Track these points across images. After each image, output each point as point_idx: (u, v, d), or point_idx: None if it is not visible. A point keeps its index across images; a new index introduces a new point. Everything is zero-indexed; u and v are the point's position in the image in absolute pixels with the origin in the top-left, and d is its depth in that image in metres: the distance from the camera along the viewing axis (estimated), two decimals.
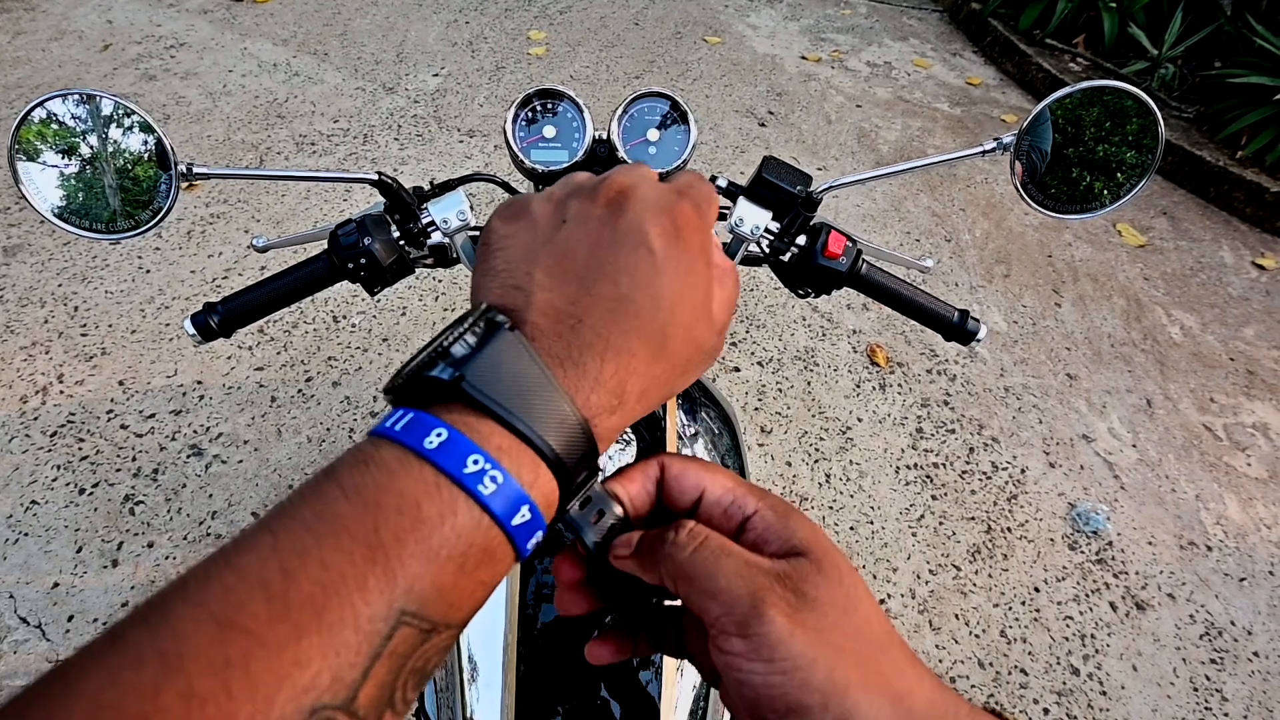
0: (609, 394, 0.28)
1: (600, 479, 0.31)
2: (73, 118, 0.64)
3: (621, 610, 0.35)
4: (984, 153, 0.68)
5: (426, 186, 0.69)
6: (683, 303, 0.29)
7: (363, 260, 0.63)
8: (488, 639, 0.64)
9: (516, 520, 0.25)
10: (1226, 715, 1.44)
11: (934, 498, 1.74)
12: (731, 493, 0.31)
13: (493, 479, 0.24)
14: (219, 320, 0.64)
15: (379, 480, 0.23)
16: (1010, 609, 1.56)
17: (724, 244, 0.71)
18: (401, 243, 0.66)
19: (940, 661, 1.47)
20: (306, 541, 0.22)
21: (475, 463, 0.24)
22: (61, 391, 1.75)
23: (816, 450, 1.80)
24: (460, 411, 0.25)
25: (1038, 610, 1.57)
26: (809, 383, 1.96)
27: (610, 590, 0.33)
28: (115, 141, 0.64)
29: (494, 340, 0.26)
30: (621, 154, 0.70)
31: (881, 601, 1.55)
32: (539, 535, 0.26)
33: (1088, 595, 1.60)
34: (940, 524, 1.69)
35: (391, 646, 0.22)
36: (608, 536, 0.31)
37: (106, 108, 0.63)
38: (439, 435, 0.24)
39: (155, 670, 0.19)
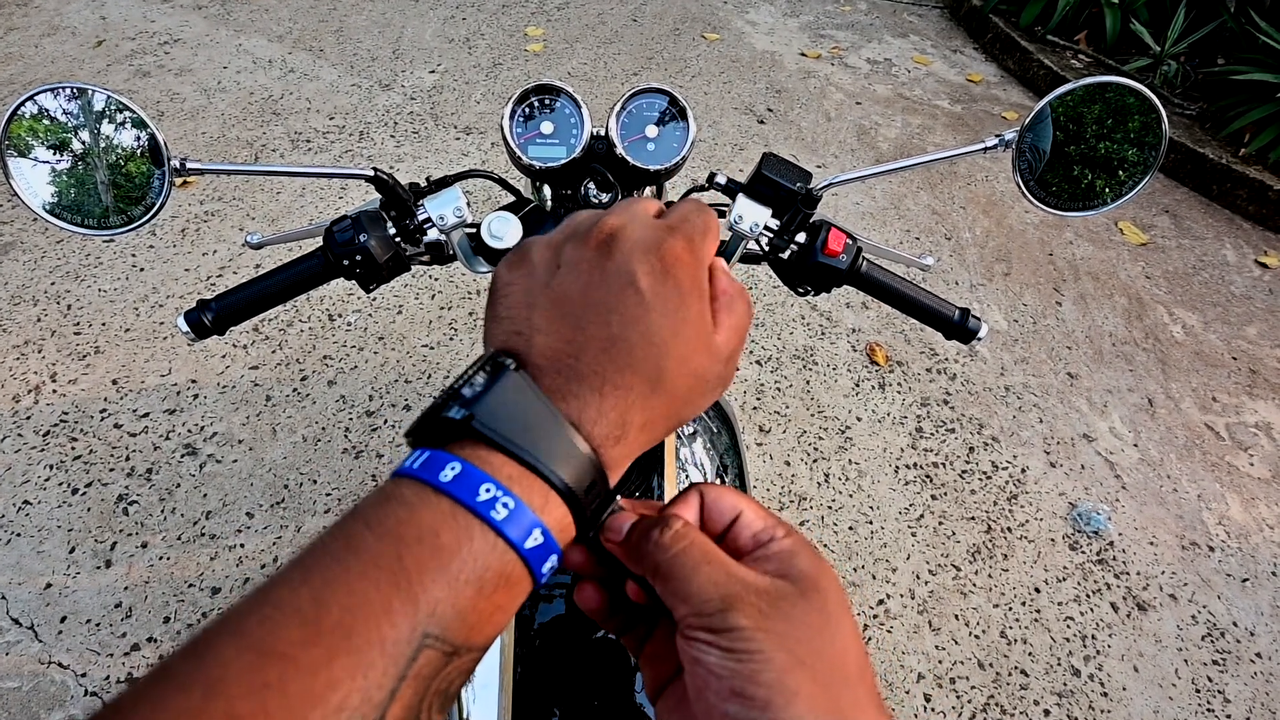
0: (611, 425, 0.29)
1: (617, 507, 0.33)
2: (64, 112, 0.63)
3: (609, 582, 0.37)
4: (985, 149, 0.67)
5: (423, 183, 0.69)
6: (676, 338, 0.30)
7: (358, 257, 0.62)
8: None
9: (529, 544, 0.26)
10: (1229, 717, 1.44)
11: (934, 497, 1.73)
12: (763, 520, 0.32)
13: (504, 505, 0.26)
14: (212, 318, 0.63)
15: (399, 514, 0.25)
16: (1010, 609, 1.55)
17: (722, 241, 0.70)
18: (397, 240, 0.65)
19: (940, 662, 1.46)
20: (335, 571, 0.24)
21: (487, 491, 0.26)
22: (54, 390, 1.74)
23: (815, 449, 1.79)
24: (473, 447, 0.27)
25: (1038, 611, 1.56)
26: (808, 382, 1.95)
27: (605, 562, 0.35)
28: (107, 137, 0.63)
29: (500, 380, 0.28)
30: (619, 150, 0.69)
31: (880, 601, 1.54)
32: (553, 560, 0.28)
33: (1089, 596, 1.59)
34: (940, 524, 1.68)
35: (416, 668, 0.23)
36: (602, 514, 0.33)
37: (98, 102, 0.62)
38: (453, 469, 0.26)
39: (200, 695, 0.20)
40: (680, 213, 0.33)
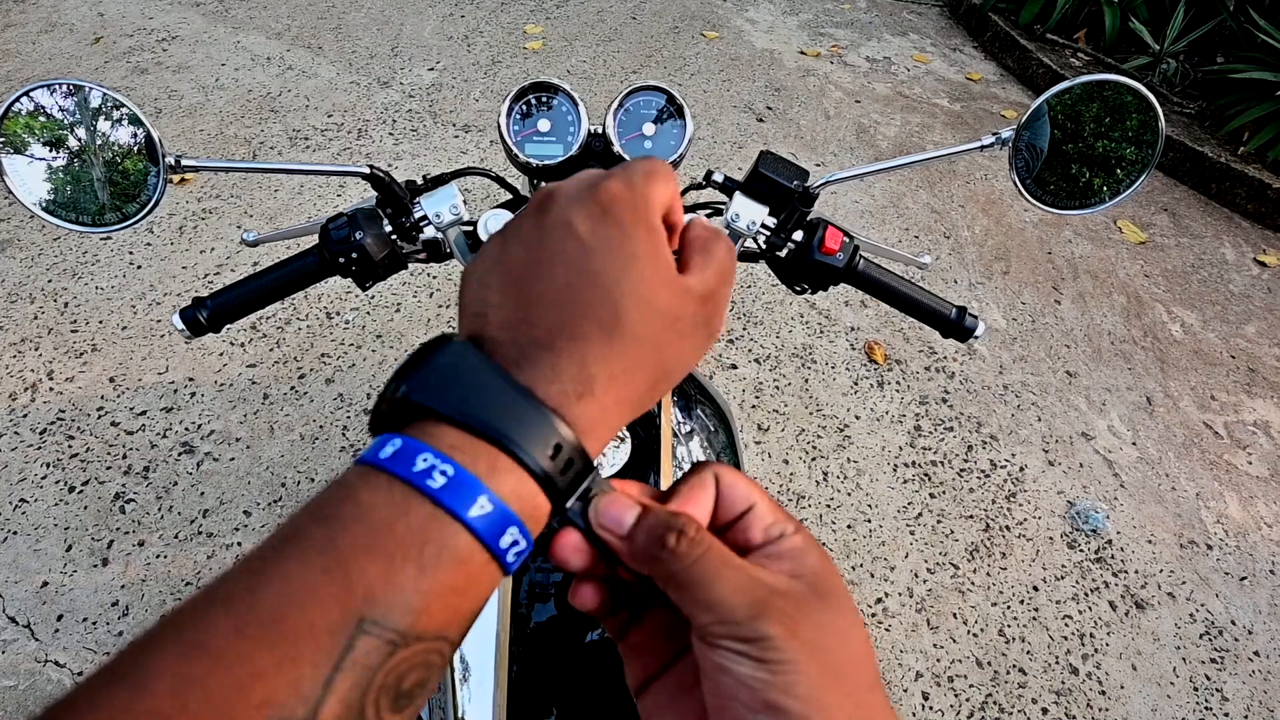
0: (570, 380, 0.27)
1: (600, 476, 0.30)
2: (60, 109, 0.63)
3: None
4: (983, 148, 0.67)
5: (420, 181, 0.68)
6: (626, 274, 0.29)
7: (354, 255, 0.62)
8: (480, 638, 0.63)
9: (474, 512, 0.24)
10: (1227, 715, 1.44)
11: (932, 496, 1.73)
12: (774, 514, 0.31)
13: (442, 473, 0.24)
14: (208, 315, 0.63)
15: (339, 495, 0.24)
16: (1009, 608, 1.55)
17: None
18: (394, 237, 0.65)
19: (938, 661, 1.46)
20: (271, 560, 0.23)
21: (424, 460, 0.24)
22: (51, 388, 1.74)
23: (814, 448, 1.79)
24: (419, 424, 0.26)
25: (1036, 609, 1.56)
26: (806, 380, 1.94)
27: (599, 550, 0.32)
28: (102, 133, 0.63)
29: (440, 353, 0.27)
30: (617, 148, 0.69)
31: (879, 600, 1.54)
32: (515, 534, 0.25)
33: (1087, 594, 1.59)
34: (938, 522, 1.68)
35: (353, 658, 0.22)
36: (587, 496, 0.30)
37: (94, 99, 0.62)
38: (393, 445, 0.25)
39: (126, 692, 0.20)
40: (626, 163, 0.32)
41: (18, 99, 0.60)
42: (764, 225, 0.67)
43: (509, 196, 0.73)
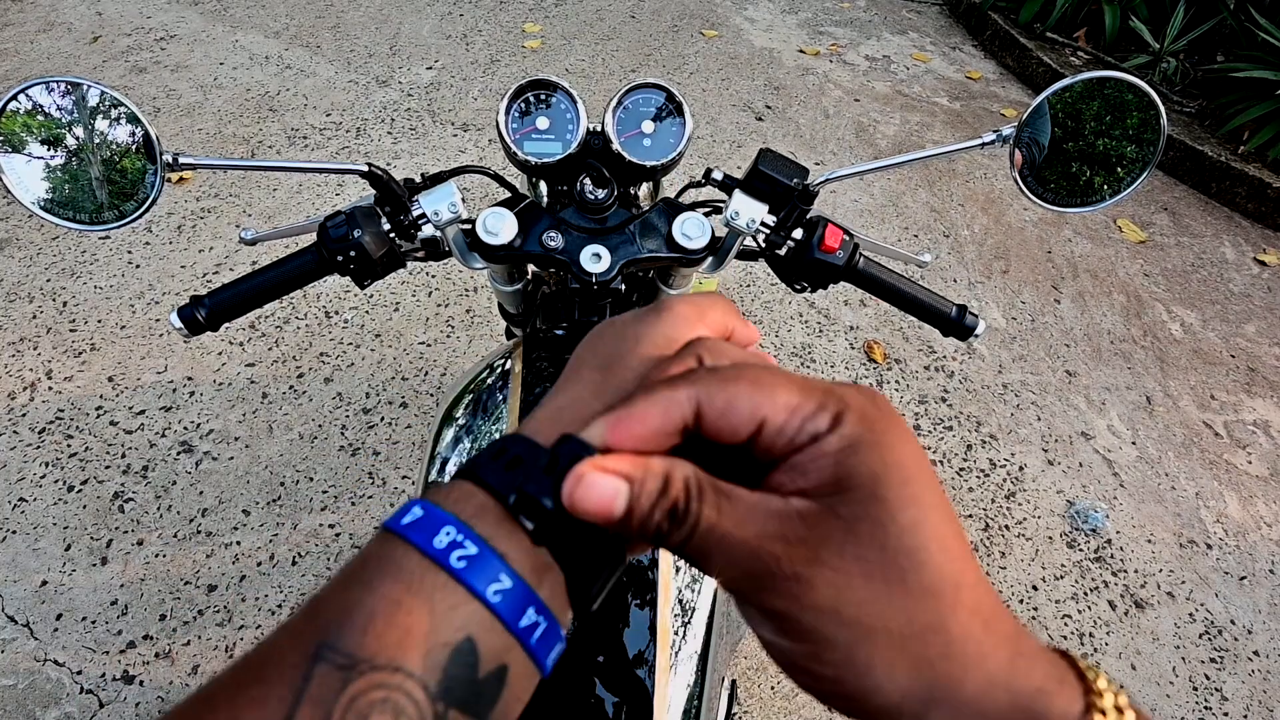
0: (540, 408, 0.29)
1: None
2: (57, 107, 0.62)
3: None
4: (983, 145, 0.67)
5: (418, 179, 0.68)
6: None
7: (352, 253, 0.62)
8: None
9: (407, 519, 0.24)
10: (1226, 714, 1.44)
11: None
12: (799, 414, 0.24)
13: (410, 511, 0.25)
14: (206, 314, 0.63)
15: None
16: (1008, 607, 1.55)
17: (719, 238, 0.70)
18: (392, 235, 0.65)
19: None
20: (289, 619, 0.24)
21: (413, 513, 0.25)
22: (50, 388, 1.73)
23: None
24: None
25: (1036, 608, 1.56)
26: None
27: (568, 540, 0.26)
28: (100, 132, 0.63)
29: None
30: (615, 146, 0.69)
31: None
32: (449, 530, 0.23)
33: (1086, 593, 1.59)
34: None
35: (312, 690, 0.21)
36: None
37: (91, 97, 0.62)
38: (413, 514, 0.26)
39: None
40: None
41: (14, 96, 0.59)
42: (764, 223, 0.66)
43: (507, 195, 0.73)
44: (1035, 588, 1.59)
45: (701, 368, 0.26)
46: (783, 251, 0.69)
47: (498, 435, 0.65)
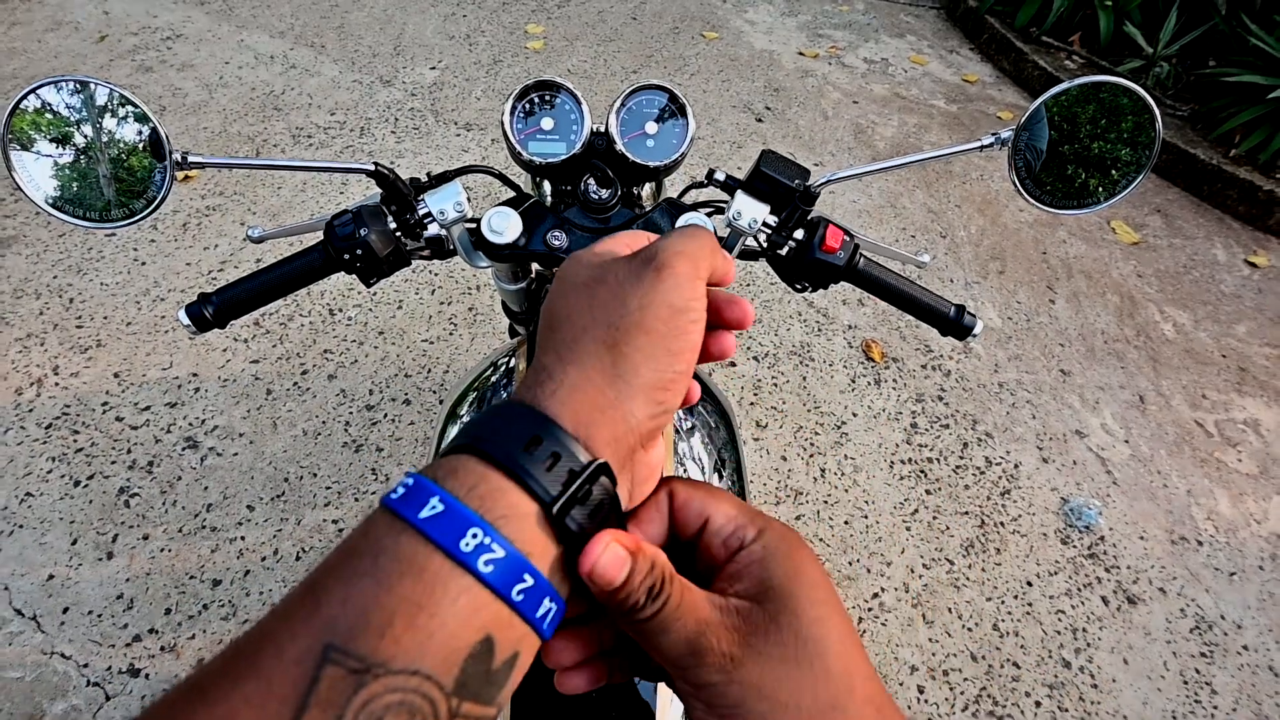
0: (538, 371, 0.29)
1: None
2: (67, 106, 0.63)
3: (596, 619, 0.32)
4: (981, 148, 0.68)
5: (423, 178, 0.69)
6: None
7: (359, 251, 0.63)
8: None
9: (425, 513, 0.23)
10: (1216, 708, 1.46)
11: (928, 492, 1.75)
12: (734, 522, 0.30)
13: (404, 485, 0.25)
14: (214, 311, 0.64)
15: (346, 540, 0.25)
16: (1003, 603, 1.57)
17: (721, 239, 0.71)
18: (398, 234, 0.66)
19: (934, 655, 1.48)
20: (280, 603, 0.23)
21: (405, 486, 0.25)
22: (57, 383, 1.75)
23: (811, 445, 1.81)
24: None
25: (1030, 604, 1.58)
26: (804, 378, 1.96)
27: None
28: (110, 130, 0.63)
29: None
30: (619, 147, 0.70)
31: (875, 595, 1.56)
32: (475, 531, 0.23)
33: (1080, 589, 1.61)
34: (934, 518, 1.70)
35: (320, 691, 0.20)
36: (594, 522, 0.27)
37: (101, 96, 0.62)
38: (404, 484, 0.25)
39: None
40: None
41: (26, 96, 0.60)
42: (765, 224, 0.67)
43: (512, 194, 0.75)
44: (1029, 584, 1.61)
45: (675, 479, 0.33)
46: (784, 251, 0.70)
47: None
